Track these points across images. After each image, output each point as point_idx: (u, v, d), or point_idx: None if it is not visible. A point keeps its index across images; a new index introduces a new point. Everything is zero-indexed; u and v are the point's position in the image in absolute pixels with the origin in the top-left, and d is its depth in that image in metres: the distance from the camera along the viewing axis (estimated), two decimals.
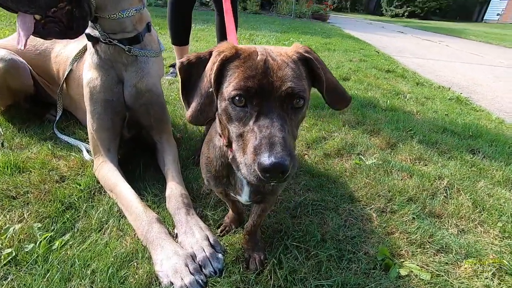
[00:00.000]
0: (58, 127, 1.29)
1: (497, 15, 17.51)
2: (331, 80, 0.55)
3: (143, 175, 1.08)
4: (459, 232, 0.94)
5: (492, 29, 14.31)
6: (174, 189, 0.92)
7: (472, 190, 1.12)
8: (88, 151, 1.14)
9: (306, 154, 1.32)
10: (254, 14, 8.62)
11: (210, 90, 0.48)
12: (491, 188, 1.17)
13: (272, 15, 9.21)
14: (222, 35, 2.17)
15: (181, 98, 0.52)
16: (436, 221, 0.98)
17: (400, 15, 20.66)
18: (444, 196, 1.09)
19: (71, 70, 1.23)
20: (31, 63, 1.33)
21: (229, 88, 0.46)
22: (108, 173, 0.97)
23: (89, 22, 0.91)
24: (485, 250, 0.87)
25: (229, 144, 0.56)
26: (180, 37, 2.17)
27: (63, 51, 1.30)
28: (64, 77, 1.24)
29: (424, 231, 0.90)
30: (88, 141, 1.24)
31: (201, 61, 0.51)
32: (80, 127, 1.34)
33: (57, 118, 1.29)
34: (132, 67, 1.00)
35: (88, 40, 0.97)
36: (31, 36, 1.33)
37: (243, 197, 0.64)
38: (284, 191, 1.05)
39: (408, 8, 20.29)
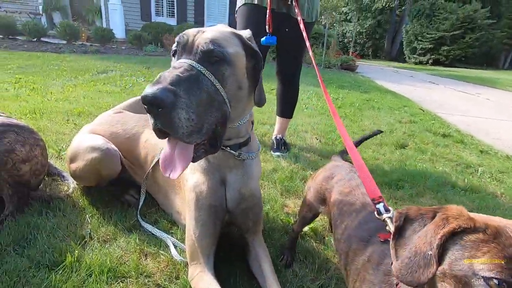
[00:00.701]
0: (140, 213, 1.26)
1: None
2: None
3: (238, 281, 0.99)
4: None
5: None
6: None
7: None
8: (175, 246, 1.09)
9: None
10: None
11: (429, 253, 0.45)
12: None
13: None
14: (283, 105, 2.20)
15: (391, 242, 0.51)
16: None
17: (424, 62, 20.92)
18: None
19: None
20: (120, 147, 1.35)
21: (477, 265, 0.41)
22: (206, 284, 0.89)
23: None
24: None
25: None
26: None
27: (151, 138, 1.32)
28: (152, 165, 1.25)
29: None
30: (172, 232, 1.19)
31: (421, 219, 0.50)
32: (163, 214, 1.31)
33: (140, 205, 1.27)
34: (237, 170, 0.97)
35: None
36: (125, 120, 1.38)
37: None
38: None
39: (432, 56, 20.59)
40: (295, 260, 1.12)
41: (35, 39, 7.94)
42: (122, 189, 1.40)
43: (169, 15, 12.11)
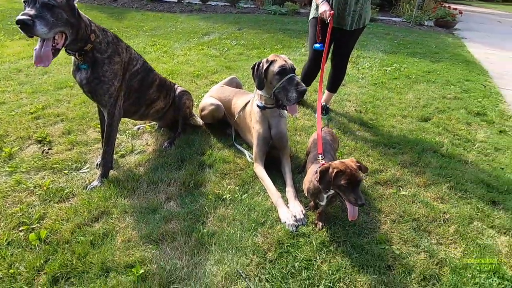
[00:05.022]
0: (234, 140, 2.57)
1: None
2: None
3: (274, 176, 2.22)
4: (436, 243, 1.71)
5: None
6: (290, 188, 2.02)
7: (462, 225, 1.82)
8: (249, 156, 2.36)
9: (364, 179, 2.21)
10: (370, 23, 8.82)
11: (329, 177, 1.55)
12: (483, 228, 1.82)
13: (389, 22, 9.18)
14: (332, 84, 3.11)
15: (318, 172, 1.61)
16: (424, 234, 1.77)
17: None
18: (440, 223, 1.84)
19: (240, 113, 2.48)
20: (223, 104, 2.63)
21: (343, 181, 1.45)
22: (260, 171, 2.14)
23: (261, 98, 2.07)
24: (436, 250, 1.64)
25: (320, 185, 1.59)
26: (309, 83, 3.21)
27: (237, 102, 2.57)
28: (236, 116, 2.51)
29: (413, 238, 1.73)
30: (249, 149, 2.48)
31: (329, 167, 1.58)
32: (243, 141, 2.60)
33: (233, 136, 2.58)
34: (275, 120, 2.14)
35: (261, 109, 2.15)
36: (224, 91, 2.61)
37: (323, 202, 1.67)
38: None
39: None
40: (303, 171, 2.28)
41: None
42: (225, 127, 2.73)
43: None
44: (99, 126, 2.61)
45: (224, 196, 1.97)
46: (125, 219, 1.77)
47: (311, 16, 2.84)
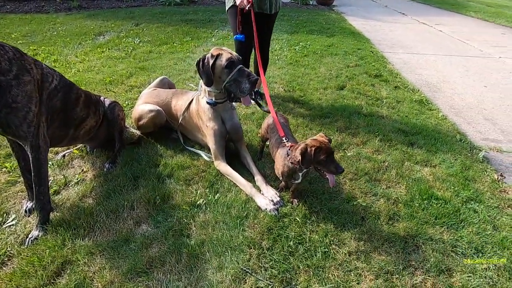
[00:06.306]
0: (184, 143, 2.43)
1: None
2: None
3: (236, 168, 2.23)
4: (386, 187, 2.07)
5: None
6: (258, 176, 2.07)
7: (398, 167, 2.23)
8: (207, 156, 2.29)
9: None
10: None
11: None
12: (412, 166, 2.28)
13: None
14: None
15: (296, 152, 1.68)
16: (376, 183, 2.10)
17: None
18: (384, 171, 2.21)
19: (184, 114, 2.36)
20: (162, 108, 2.44)
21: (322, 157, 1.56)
22: (225, 167, 2.11)
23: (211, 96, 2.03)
24: (389, 193, 1.99)
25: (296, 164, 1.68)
26: None
27: (178, 103, 2.42)
28: (181, 118, 2.38)
29: (370, 189, 2.03)
30: (202, 149, 2.39)
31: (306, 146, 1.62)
32: (194, 143, 2.49)
33: (181, 139, 2.44)
34: (228, 113, 2.13)
35: (212, 105, 2.10)
36: (159, 94, 2.43)
37: (299, 180, 1.78)
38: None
39: None
40: (262, 157, 2.35)
41: None
42: (168, 132, 2.55)
43: None
44: (10, 165, 2.11)
45: (198, 202, 1.88)
46: (95, 261, 1.52)
47: (229, 4, 2.82)
